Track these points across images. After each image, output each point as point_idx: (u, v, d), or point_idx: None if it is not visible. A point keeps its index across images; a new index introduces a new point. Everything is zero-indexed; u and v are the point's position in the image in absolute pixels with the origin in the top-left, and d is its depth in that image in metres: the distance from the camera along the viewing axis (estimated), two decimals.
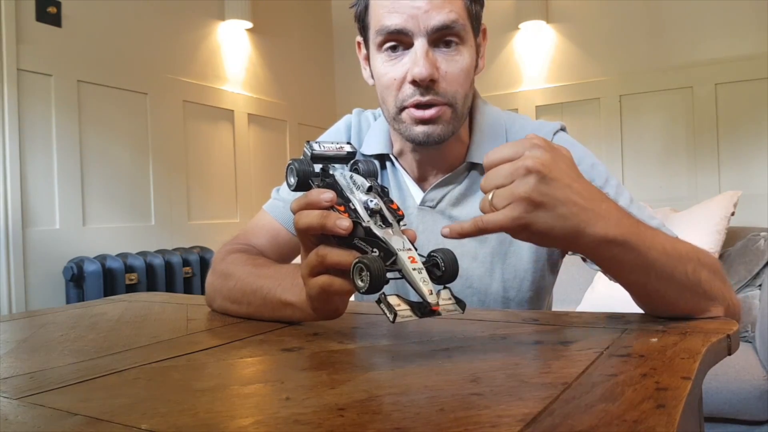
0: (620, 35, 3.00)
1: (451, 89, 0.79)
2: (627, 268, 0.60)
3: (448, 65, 0.79)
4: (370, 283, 0.50)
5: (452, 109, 0.80)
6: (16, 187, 2.12)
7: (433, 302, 0.51)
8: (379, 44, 0.80)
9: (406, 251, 0.53)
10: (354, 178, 0.59)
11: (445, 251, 0.55)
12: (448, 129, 0.81)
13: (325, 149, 0.61)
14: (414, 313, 0.51)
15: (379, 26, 0.79)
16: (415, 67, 0.77)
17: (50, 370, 0.54)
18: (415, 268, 0.52)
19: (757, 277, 2.07)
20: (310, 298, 0.62)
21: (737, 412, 1.71)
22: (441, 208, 0.88)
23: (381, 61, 0.81)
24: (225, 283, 0.79)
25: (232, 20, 3.00)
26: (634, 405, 0.38)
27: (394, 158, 0.91)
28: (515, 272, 0.87)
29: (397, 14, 0.77)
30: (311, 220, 0.56)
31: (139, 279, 2.31)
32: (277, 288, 0.70)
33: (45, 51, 2.23)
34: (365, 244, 0.54)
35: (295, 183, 0.60)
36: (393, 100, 0.81)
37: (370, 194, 0.57)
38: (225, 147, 3.03)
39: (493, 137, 0.87)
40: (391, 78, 0.80)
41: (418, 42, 0.77)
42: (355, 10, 0.85)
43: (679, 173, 2.88)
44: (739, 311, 0.69)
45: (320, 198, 0.56)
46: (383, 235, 0.54)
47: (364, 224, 0.55)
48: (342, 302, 0.63)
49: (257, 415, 0.40)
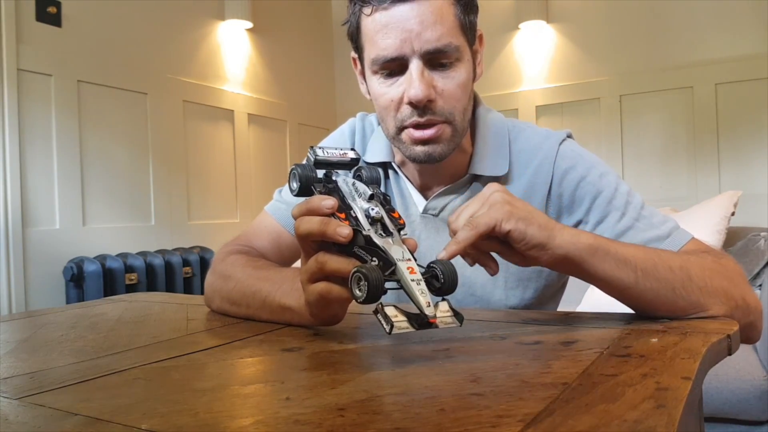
0: (620, 35, 3.00)
1: (449, 106, 0.78)
2: (594, 276, 0.65)
3: (445, 83, 0.78)
4: (367, 293, 0.50)
5: (451, 126, 0.80)
6: (16, 187, 2.12)
7: (430, 314, 0.50)
8: (375, 71, 0.80)
9: (405, 261, 0.53)
10: (356, 185, 0.59)
11: (445, 263, 0.55)
12: (449, 147, 0.81)
13: (328, 155, 0.61)
14: (411, 324, 0.51)
15: (374, 55, 0.78)
16: (411, 89, 0.76)
17: (50, 370, 0.54)
18: (413, 279, 0.51)
19: (757, 277, 2.07)
20: (308, 304, 0.62)
21: (737, 412, 1.71)
22: (444, 216, 0.88)
23: (377, 82, 0.81)
24: (224, 284, 0.79)
25: (232, 20, 3.00)
26: (634, 405, 0.38)
27: (396, 167, 0.91)
28: (518, 281, 0.86)
29: (390, 39, 0.76)
30: (312, 227, 0.56)
31: (139, 279, 2.31)
32: (276, 292, 0.70)
33: (45, 51, 2.23)
34: (365, 253, 0.54)
35: (297, 188, 0.60)
36: (392, 121, 0.81)
37: (372, 202, 0.57)
38: (225, 147, 3.03)
39: (496, 148, 0.87)
40: (389, 99, 0.79)
41: (413, 64, 0.76)
42: (347, 29, 0.85)
43: (679, 173, 2.88)
44: (755, 310, 0.68)
45: (321, 205, 0.56)
46: (383, 245, 0.53)
47: (364, 233, 0.55)
48: (341, 309, 0.63)
49: (257, 415, 0.40)
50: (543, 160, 0.85)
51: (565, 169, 0.84)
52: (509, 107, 3.24)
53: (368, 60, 0.80)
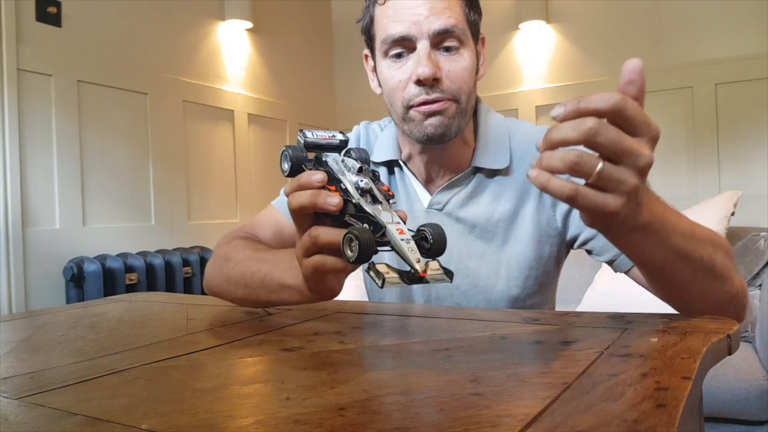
0: (620, 35, 3.00)
1: (455, 86, 0.83)
2: (648, 249, 0.59)
3: (451, 65, 0.83)
4: (359, 251, 0.52)
5: (457, 104, 0.84)
6: (16, 187, 2.12)
7: (420, 269, 0.52)
8: (385, 52, 0.85)
9: (394, 224, 0.55)
10: (345, 161, 0.61)
11: (434, 225, 0.57)
12: (454, 124, 0.84)
13: (317, 137, 0.63)
14: (402, 279, 0.53)
15: (385, 35, 0.84)
16: (419, 67, 0.81)
17: (50, 370, 0.54)
18: (403, 239, 0.53)
19: (757, 277, 2.07)
20: (305, 278, 0.63)
21: (737, 412, 1.71)
22: (448, 210, 0.91)
23: (387, 66, 0.86)
24: (225, 264, 0.82)
25: (232, 20, 3.00)
26: (634, 405, 0.38)
27: (402, 163, 0.95)
28: (519, 270, 0.88)
29: (400, 22, 0.82)
30: (303, 200, 0.58)
31: (139, 279, 2.31)
32: (274, 271, 0.71)
33: (45, 51, 2.23)
34: (355, 221, 0.57)
35: (288, 168, 0.62)
36: (400, 101, 0.85)
37: (361, 174, 0.58)
38: (225, 147, 3.03)
39: (497, 144, 0.91)
40: (397, 80, 0.84)
41: (421, 44, 0.82)
42: (361, 25, 0.91)
43: (679, 173, 2.88)
44: (746, 293, 0.71)
45: (311, 179, 0.58)
46: (372, 210, 0.56)
47: (353, 201, 0.57)
48: (338, 282, 0.65)
49: (257, 415, 0.40)
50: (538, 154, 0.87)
51: None
52: (509, 107, 3.24)
53: (379, 42, 0.86)
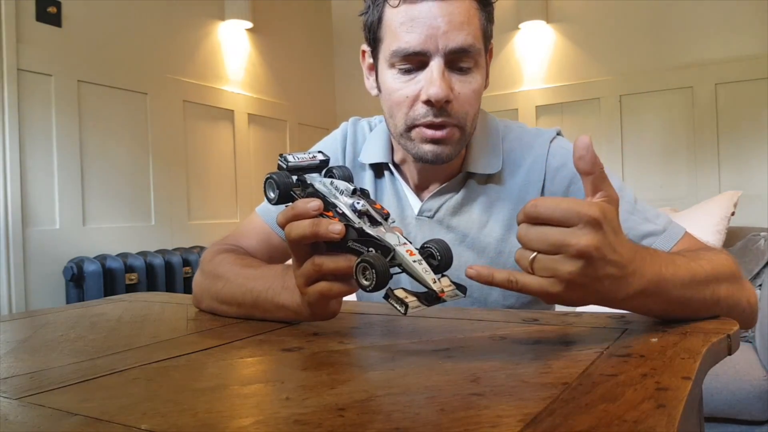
0: (620, 35, 3.00)
1: (462, 111, 0.79)
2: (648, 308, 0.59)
3: (462, 86, 0.78)
4: (375, 280, 0.51)
5: (461, 131, 0.80)
6: (16, 187, 2.12)
7: (438, 290, 0.52)
8: (393, 63, 0.79)
9: (402, 246, 0.54)
10: (334, 183, 0.60)
11: (438, 241, 0.56)
12: (456, 150, 0.81)
13: (299, 160, 0.62)
14: (422, 302, 0.52)
15: (396, 47, 0.77)
16: (431, 88, 0.75)
17: (50, 370, 0.54)
18: (415, 260, 0.53)
19: (757, 277, 2.07)
20: (309, 305, 0.62)
21: (737, 412, 1.70)
22: (439, 217, 0.88)
23: (392, 77, 0.79)
24: (214, 283, 0.79)
25: (232, 20, 3.00)
26: (634, 405, 0.38)
27: (393, 167, 0.91)
28: None
29: (415, 33, 0.75)
30: (303, 230, 0.56)
31: (139, 279, 2.31)
32: (268, 291, 0.70)
33: (45, 51, 2.23)
34: (360, 245, 0.55)
35: (276, 196, 0.61)
36: (403, 118, 0.80)
37: (355, 196, 0.57)
38: (225, 147, 3.03)
39: (489, 147, 0.88)
40: (403, 95, 0.79)
41: (435, 62, 0.76)
42: (364, 19, 0.83)
43: (679, 173, 2.88)
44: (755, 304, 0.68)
45: (307, 207, 0.57)
46: (377, 234, 0.54)
47: (356, 226, 0.55)
48: (338, 303, 0.65)
49: (257, 415, 0.40)
50: (535, 159, 0.86)
51: (556, 167, 0.85)
52: (509, 107, 3.24)
53: (387, 52, 0.79)
